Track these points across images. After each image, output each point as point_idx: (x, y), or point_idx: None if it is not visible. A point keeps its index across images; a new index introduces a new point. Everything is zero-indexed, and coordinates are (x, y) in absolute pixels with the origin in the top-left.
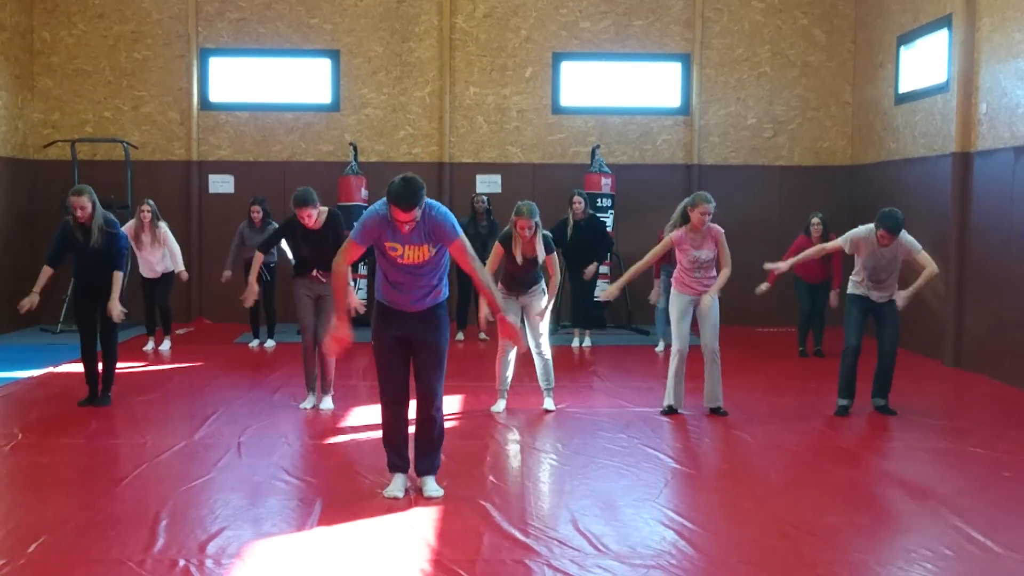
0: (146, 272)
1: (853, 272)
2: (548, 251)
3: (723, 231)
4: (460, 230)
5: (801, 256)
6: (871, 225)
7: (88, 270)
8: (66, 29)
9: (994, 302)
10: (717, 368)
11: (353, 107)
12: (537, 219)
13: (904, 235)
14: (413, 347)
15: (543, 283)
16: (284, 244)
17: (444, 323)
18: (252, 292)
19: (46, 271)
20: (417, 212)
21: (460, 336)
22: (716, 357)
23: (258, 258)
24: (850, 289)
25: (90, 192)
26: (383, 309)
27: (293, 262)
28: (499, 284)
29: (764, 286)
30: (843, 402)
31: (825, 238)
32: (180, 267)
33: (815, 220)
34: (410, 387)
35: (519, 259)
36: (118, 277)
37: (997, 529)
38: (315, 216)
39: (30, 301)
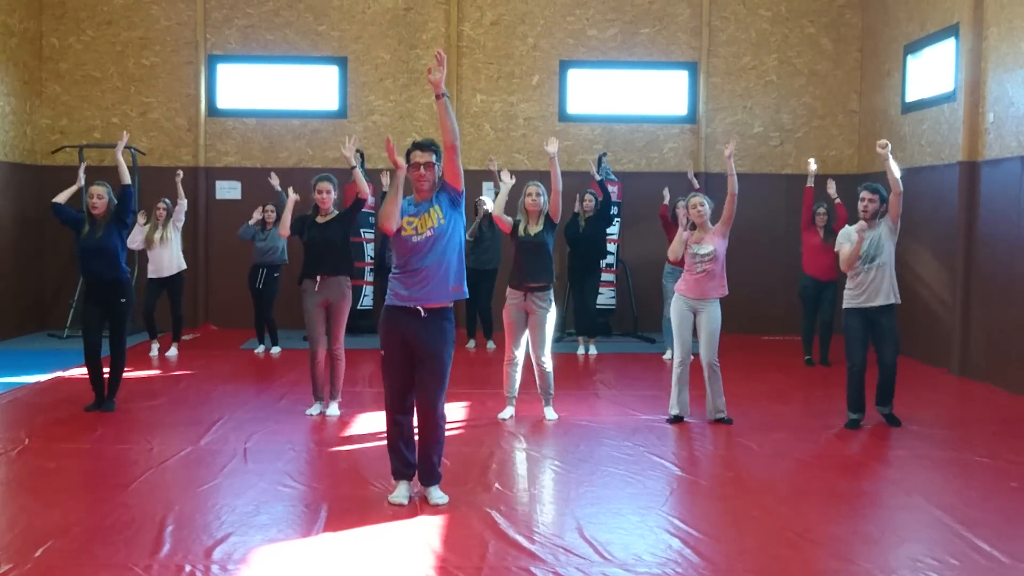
0: (158, 271)
1: (847, 286)
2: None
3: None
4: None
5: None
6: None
7: (94, 264)
8: (75, 35)
9: (1001, 311)
10: (717, 381)
11: (360, 114)
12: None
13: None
14: (416, 359)
15: (552, 293)
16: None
17: (448, 336)
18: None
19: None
20: (434, 158)
21: (471, 344)
22: (715, 370)
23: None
24: (846, 303)
25: (109, 188)
26: (390, 311)
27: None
28: (509, 282)
29: None
30: (854, 416)
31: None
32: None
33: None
34: (413, 398)
35: (524, 228)
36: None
37: (1003, 538)
38: (333, 195)
39: None
